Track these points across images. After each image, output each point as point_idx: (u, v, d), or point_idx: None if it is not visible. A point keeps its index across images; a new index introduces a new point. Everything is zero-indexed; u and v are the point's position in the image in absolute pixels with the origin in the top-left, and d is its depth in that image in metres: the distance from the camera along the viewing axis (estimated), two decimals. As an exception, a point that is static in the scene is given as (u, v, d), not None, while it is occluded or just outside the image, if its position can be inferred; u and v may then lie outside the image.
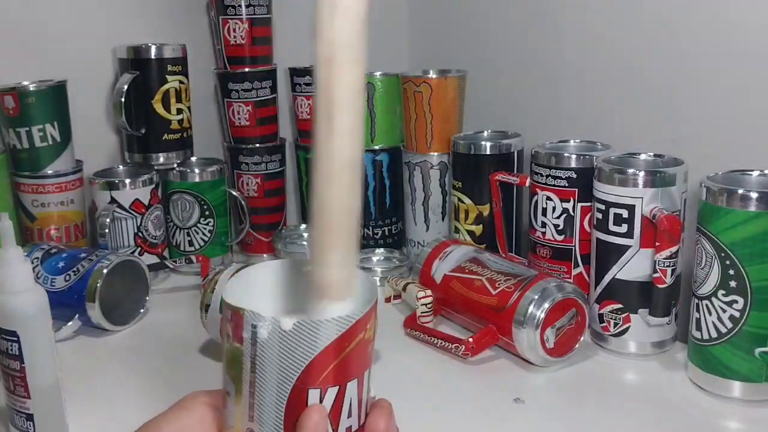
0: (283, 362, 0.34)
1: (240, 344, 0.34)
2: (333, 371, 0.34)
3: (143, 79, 0.97)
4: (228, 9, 1.02)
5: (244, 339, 0.34)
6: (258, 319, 0.33)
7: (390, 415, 0.38)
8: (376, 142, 1.03)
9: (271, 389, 0.34)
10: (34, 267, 0.82)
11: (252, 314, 0.34)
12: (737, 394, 0.66)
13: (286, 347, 0.33)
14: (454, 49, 1.13)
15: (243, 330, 0.34)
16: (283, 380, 0.34)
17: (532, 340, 0.71)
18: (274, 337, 0.33)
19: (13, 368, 0.58)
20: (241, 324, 0.34)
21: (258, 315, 0.33)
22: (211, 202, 1.00)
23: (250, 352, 0.34)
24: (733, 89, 0.78)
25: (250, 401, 0.35)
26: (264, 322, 0.33)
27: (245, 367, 0.34)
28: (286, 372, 0.34)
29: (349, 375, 0.35)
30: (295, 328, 0.33)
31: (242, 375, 0.35)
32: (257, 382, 0.34)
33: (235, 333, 0.34)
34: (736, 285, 0.63)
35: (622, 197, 0.72)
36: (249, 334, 0.34)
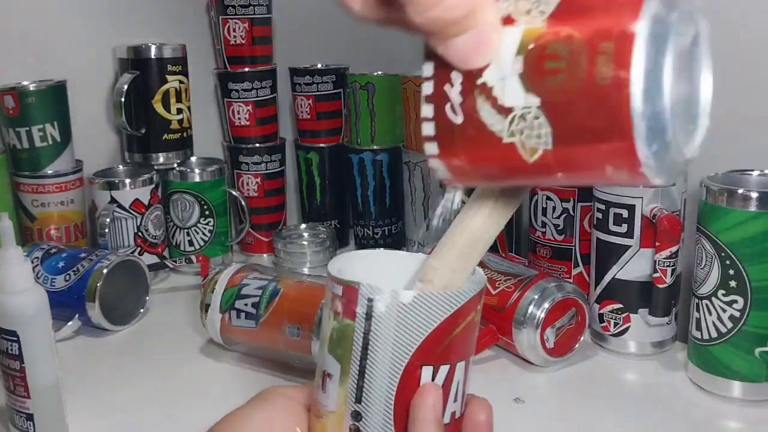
0: (399, 337, 0.33)
1: (352, 320, 0.33)
2: (446, 348, 0.34)
3: (143, 79, 0.97)
4: (228, 9, 1.02)
5: (358, 314, 0.33)
6: (376, 292, 0.33)
7: (491, 409, 0.37)
8: (376, 142, 1.03)
9: (383, 366, 0.33)
10: (34, 267, 0.82)
11: (369, 287, 0.33)
12: (737, 394, 0.66)
13: (404, 321, 0.33)
14: (454, 49, 1.13)
15: (357, 305, 0.33)
16: (397, 356, 0.33)
17: (532, 340, 0.71)
18: (392, 310, 0.32)
19: (13, 368, 0.58)
20: (355, 298, 0.33)
21: (376, 288, 0.33)
22: (211, 201, 1.00)
23: (363, 328, 0.33)
24: (733, 89, 0.78)
25: (359, 381, 0.33)
26: (382, 295, 0.32)
27: (356, 345, 0.33)
28: (401, 348, 0.33)
29: (460, 355, 0.35)
30: (415, 300, 0.32)
31: (351, 353, 0.33)
32: (369, 360, 0.33)
33: (347, 309, 0.33)
34: (736, 285, 0.63)
35: (622, 197, 0.72)
36: (364, 308, 0.33)
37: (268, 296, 0.71)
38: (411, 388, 0.33)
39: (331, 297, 0.34)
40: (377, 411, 0.33)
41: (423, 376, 0.33)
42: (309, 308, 0.69)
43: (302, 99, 1.06)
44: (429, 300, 0.33)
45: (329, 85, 1.05)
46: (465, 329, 0.34)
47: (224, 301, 0.73)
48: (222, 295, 0.74)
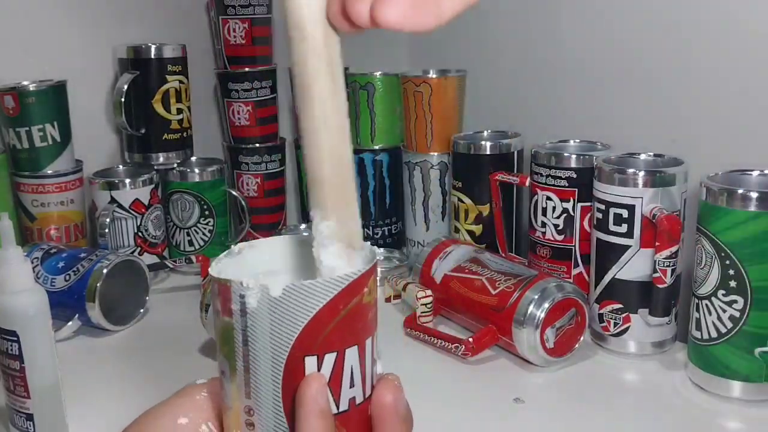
0: (276, 330, 0.32)
1: (230, 318, 0.33)
2: (329, 336, 0.33)
3: (143, 79, 0.97)
4: (228, 9, 1.02)
5: (234, 312, 0.33)
6: (245, 288, 0.32)
7: (398, 389, 0.36)
8: (376, 142, 1.03)
9: (265, 361, 0.33)
10: (34, 267, 0.82)
11: (238, 284, 0.32)
12: (737, 394, 0.66)
13: (278, 314, 0.32)
14: (454, 49, 1.13)
15: (231, 302, 0.33)
16: (277, 350, 0.33)
17: (532, 340, 0.71)
18: (263, 305, 0.32)
19: (13, 368, 0.58)
20: (229, 296, 0.33)
21: (244, 284, 0.32)
22: (211, 201, 1.00)
23: (240, 325, 0.33)
24: (733, 89, 0.78)
25: (245, 377, 0.33)
26: (252, 291, 0.32)
27: (237, 342, 0.33)
28: (279, 340, 0.32)
29: (348, 340, 0.34)
30: (285, 292, 0.32)
31: (235, 350, 0.33)
32: (251, 356, 0.33)
33: (224, 307, 0.33)
34: (736, 285, 0.63)
35: (622, 197, 0.72)
36: (238, 305, 0.32)
37: None
38: (297, 379, 0.33)
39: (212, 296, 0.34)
40: (267, 405, 0.33)
41: (307, 367, 0.33)
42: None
43: (302, 99, 1.06)
44: (301, 290, 0.32)
45: (329, 85, 1.05)
46: (352, 312, 0.33)
47: (224, 301, 0.73)
48: (222, 295, 0.73)
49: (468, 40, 1.10)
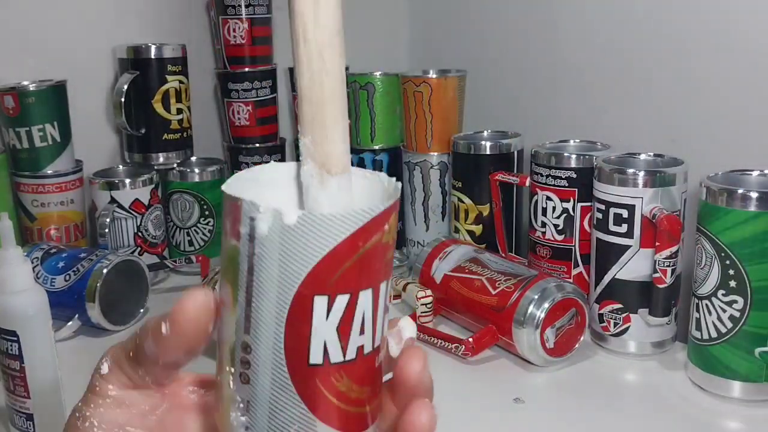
0: (286, 262, 0.28)
1: (237, 241, 0.29)
2: (344, 275, 0.29)
3: (143, 79, 0.97)
4: (228, 9, 1.02)
5: (241, 235, 0.29)
6: (255, 210, 0.28)
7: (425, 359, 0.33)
8: (376, 142, 1.03)
9: (270, 296, 0.29)
10: (34, 267, 0.82)
11: (250, 204, 0.28)
12: (737, 394, 0.66)
13: (290, 244, 0.28)
14: (454, 49, 1.13)
15: (240, 224, 0.29)
16: (284, 284, 0.29)
17: (532, 340, 0.71)
18: (274, 232, 0.28)
19: (13, 368, 0.58)
20: (239, 216, 0.29)
21: (256, 205, 0.28)
22: (211, 201, 1.00)
23: (247, 251, 0.29)
24: (732, 89, 0.78)
25: (246, 310, 0.30)
26: (263, 215, 0.28)
27: (241, 269, 0.29)
28: (288, 274, 0.29)
29: (363, 282, 0.30)
30: (300, 221, 0.28)
31: (238, 279, 0.30)
32: (255, 288, 0.29)
33: (233, 228, 0.29)
34: (736, 285, 0.63)
35: (622, 197, 0.72)
36: (247, 228, 0.29)
37: None
38: (303, 319, 0.29)
39: (223, 215, 0.30)
40: (266, 344, 0.30)
41: (316, 307, 0.29)
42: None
43: (302, 99, 1.06)
44: (319, 221, 0.28)
45: (329, 85, 1.05)
46: (371, 251, 0.29)
47: (224, 301, 0.73)
48: (222, 295, 0.73)
49: (468, 40, 1.11)
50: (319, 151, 0.31)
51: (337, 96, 0.32)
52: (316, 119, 0.31)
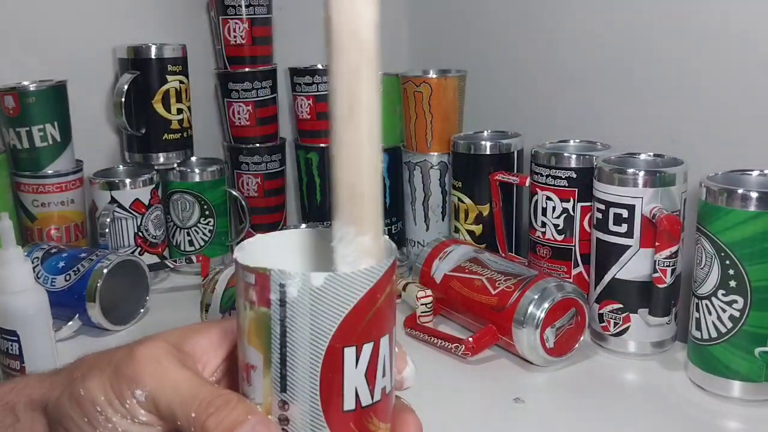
0: (316, 321, 0.32)
1: (267, 308, 0.32)
2: (367, 326, 0.33)
3: (143, 79, 0.97)
4: (228, 9, 1.02)
5: (272, 301, 0.32)
6: (286, 277, 0.31)
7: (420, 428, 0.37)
8: (376, 142, 1.03)
9: (303, 352, 0.32)
10: (35, 267, 0.82)
11: (279, 273, 0.31)
12: (737, 393, 0.66)
13: (319, 304, 0.32)
14: (454, 49, 1.13)
15: (270, 292, 0.32)
16: (316, 340, 0.32)
17: (532, 339, 0.71)
18: (304, 294, 0.31)
19: (13, 368, 0.58)
20: (268, 285, 0.32)
21: (286, 273, 0.31)
22: (211, 201, 1.00)
23: (279, 315, 0.32)
24: (732, 89, 0.78)
25: (282, 370, 0.32)
26: (293, 280, 0.31)
27: (274, 333, 0.32)
28: (319, 331, 0.32)
29: (383, 330, 0.34)
30: (327, 282, 0.31)
31: (271, 342, 0.32)
32: (288, 347, 0.32)
33: (261, 297, 0.32)
34: (736, 285, 0.63)
35: (622, 197, 0.72)
36: (277, 294, 0.32)
37: None
38: (335, 370, 0.33)
39: (243, 287, 0.33)
40: (303, 397, 0.33)
41: (346, 358, 0.32)
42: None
43: (302, 99, 1.06)
44: (342, 281, 0.32)
45: (329, 85, 1.05)
46: (384, 303, 0.33)
47: (224, 301, 0.73)
48: (222, 295, 0.74)
49: (468, 40, 1.11)
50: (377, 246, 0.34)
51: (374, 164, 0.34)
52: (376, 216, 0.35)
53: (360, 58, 0.32)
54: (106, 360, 0.37)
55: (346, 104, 0.32)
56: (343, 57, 0.31)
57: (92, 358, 0.39)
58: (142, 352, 0.36)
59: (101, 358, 0.38)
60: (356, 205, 0.33)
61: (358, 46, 0.32)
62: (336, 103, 0.32)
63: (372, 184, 0.33)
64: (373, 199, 0.33)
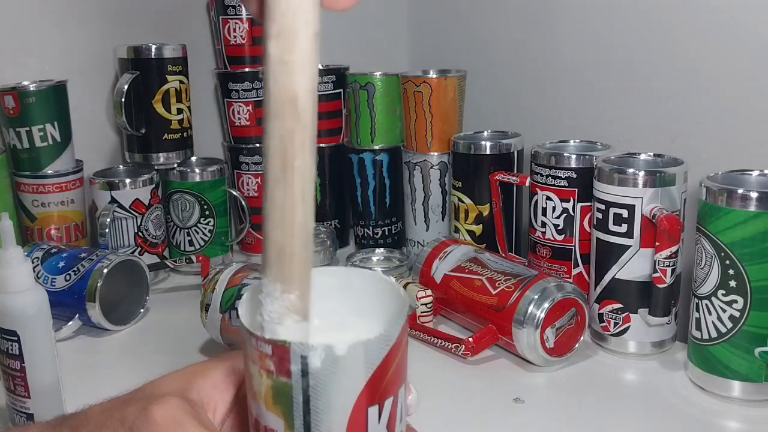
0: (341, 387, 0.32)
1: (288, 378, 0.32)
2: (388, 382, 0.33)
3: (143, 79, 0.97)
4: (228, 9, 1.02)
5: (293, 372, 0.31)
6: (308, 349, 0.31)
7: None
8: (376, 142, 1.03)
9: (328, 418, 0.32)
10: (35, 267, 0.82)
11: (300, 345, 0.31)
12: (737, 393, 0.66)
13: (342, 372, 0.32)
14: (454, 49, 1.13)
15: (291, 363, 0.31)
16: (342, 405, 0.32)
17: (532, 339, 0.71)
18: (328, 364, 0.31)
19: (13, 368, 0.58)
20: (287, 357, 0.31)
21: (307, 345, 0.31)
22: (211, 201, 1.00)
23: (301, 385, 0.32)
24: (733, 89, 0.78)
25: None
26: (315, 351, 0.31)
27: (297, 401, 0.32)
28: (344, 397, 0.32)
29: (400, 381, 0.34)
30: (350, 350, 0.31)
31: (293, 410, 0.32)
32: (312, 414, 0.32)
33: (280, 367, 0.32)
34: (736, 285, 0.63)
35: (622, 197, 0.72)
36: (299, 366, 0.31)
37: None
38: (360, 429, 0.33)
39: (258, 356, 0.33)
40: None
41: (370, 417, 0.33)
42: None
43: (302, 99, 1.06)
44: (363, 346, 0.32)
45: (329, 85, 1.05)
46: (401, 357, 0.34)
47: (224, 301, 0.73)
48: (222, 295, 0.74)
49: (468, 40, 1.11)
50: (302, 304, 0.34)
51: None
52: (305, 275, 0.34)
53: (295, 124, 0.31)
54: (117, 419, 0.36)
55: (279, 166, 0.32)
56: (278, 122, 0.31)
57: (99, 414, 0.37)
58: (160, 413, 0.35)
59: (110, 416, 0.37)
60: (285, 265, 0.33)
61: (294, 113, 0.31)
62: (270, 164, 0.32)
63: (302, 244, 0.33)
64: (302, 260, 0.33)
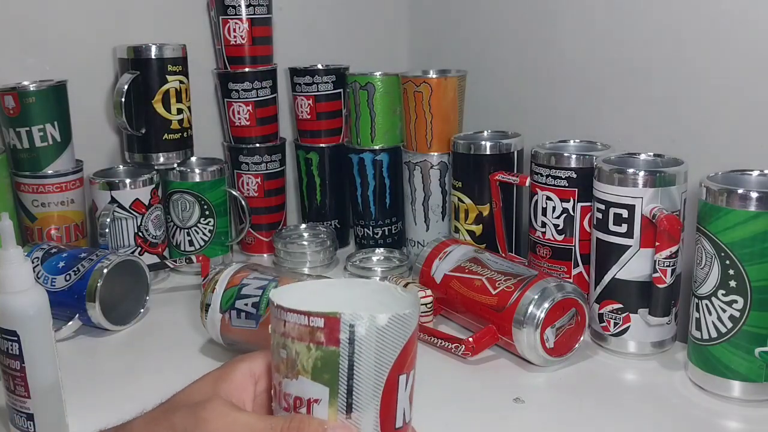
0: (380, 355, 0.37)
1: (336, 346, 0.37)
2: (412, 357, 0.39)
3: (143, 79, 0.97)
4: (228, 9, 1.02)
5: (341, 340, 0.37)
6: (356, 318, 0.36)
7: None
8: (376, 142, 1.03)
9: (368, 382, 0.37)
10: (35, 267, 0.82)
11: (350, 315, 0.36)
12: (737, 394, 0.66)
13: (382, 341, 0.37)
14: (454, 49, 1.13)
15: (340, 332, 0.37)
16: (380, 371, 0.37)
17: (532, 339, 0.71)
18: (371, 333, 0.37)
19: (13, 368, 0.58)
20: (338, 327, 0.37)
21: (356, 315, 0.36)
22: (211, 201, 1.00)
23: (347, 352, 0.37)
24: (732, 89, 0.78)
25: (348, 399, 0.37)
26: (362, 321, 0.37)
27: (342, 368, 0.37)
28: (382, 363, 0.37)
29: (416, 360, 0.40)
30: (389, 322, 0.37)
31: (338, 376, 0.37)
32: (355, 378, 0.37)
33: (330, 337, 0.37)
34: (736, 285, 0.63)
35: (622, 197, 0.72)
36: (347, 334, 0.37)
37: (268, 296, 0.71)
38: (392, 395, 0.38)
39: (309, 331, 0.37)
40: (367, 420, 0.38)
41: (400, 384, 0.38)
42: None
43: (302, 99, 1.06)
44: (399, 320, 0.37)
45: (329, 85, 1.05)
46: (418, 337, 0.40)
47: (224, 301, 0.73)
48: (222, 295, 0.74)
49: (468, 40, 1.11)
50: None
51: None
52: None
53: None
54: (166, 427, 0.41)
55: None
56: None
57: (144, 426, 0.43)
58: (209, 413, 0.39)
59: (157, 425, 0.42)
60: None
61: None
62: None
63: None
64: None
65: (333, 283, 0.45)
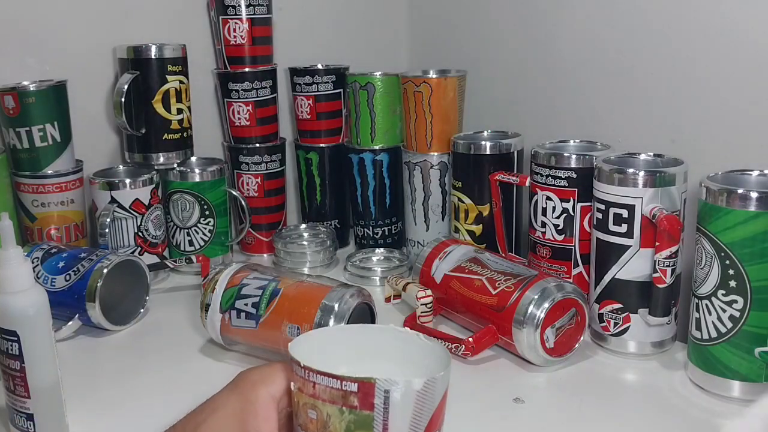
0: (414, 418, 0.38)
1: (371, 411, 0.37)
2: (443, 415, 0.40)
3: (143, 79, 0.97)
4: (228, 9, 1.02)
5: (376, 405, 0.37)
6: (392, 384, 0.37)
7: None
8: (376, 142, 1.03)
9: None
10: (34, 267, 0.82)
11: (385, 381, 0.37)
12: (737, 393, 0.66)
13: (417, 404, 0.38)
14: (454, 49, 1.13)
15: (374, 397, 0.37)
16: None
17: (532, 339, 0.71)
18: (407, 397, 0.37)
19: (13, 368, 0.58)
20: (372, 392, 0.37)
21: (391, 380, 0.37)
22: (211, 201, 1.00)
23: (382, 417, 0.37)
24: (732, 89, 0.78)
25: None
26: (397, 386, 0.37)
27: (376, 430, 0.38)
28: (416, 426, 0.38)
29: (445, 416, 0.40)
30: (425, 386, 0.38)
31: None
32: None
33: (365, 401, 0.37)
34: (735, 285, 0.63)
35: (622, 197, 0.72)
36: (381, 399, 0.37)
37: (268, 296, 0.71)
38: None
39: (341, 395, 0.37)
40: None
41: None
42: (309, 308, 0.69)
43: (302, 99, 1.06)
44: (434, 383, 0.38)
45: (329, 85, 1.05)
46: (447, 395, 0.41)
47: (224, 301, 0.73)
48: (222, 295, 0.74)
49: (468, 40, 1.11)
50: None
51: None
52: None
53: None
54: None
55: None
56: None
57: None
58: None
59: None
60: None
61: None
62: None
63: None
64: None
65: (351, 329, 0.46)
